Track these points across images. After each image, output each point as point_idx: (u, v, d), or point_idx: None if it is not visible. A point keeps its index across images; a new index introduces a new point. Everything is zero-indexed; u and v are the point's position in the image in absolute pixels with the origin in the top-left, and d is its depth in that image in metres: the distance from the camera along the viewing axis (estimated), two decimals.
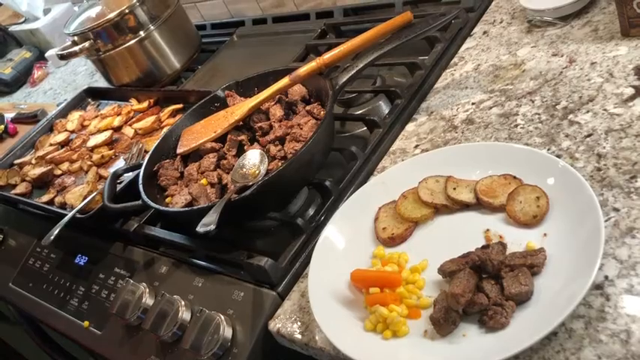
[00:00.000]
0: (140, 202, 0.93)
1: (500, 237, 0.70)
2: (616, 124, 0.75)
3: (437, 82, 1.03)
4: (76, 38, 1.48)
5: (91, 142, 1.37)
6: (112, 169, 1.21)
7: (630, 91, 0.78)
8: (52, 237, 0.98)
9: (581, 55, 0.88)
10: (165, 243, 0.99)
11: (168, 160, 1.03)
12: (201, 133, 1.02)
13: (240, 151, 0.99)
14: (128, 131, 1.35)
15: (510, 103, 0.88)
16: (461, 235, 0.73)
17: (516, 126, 0.84)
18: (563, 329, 0.59)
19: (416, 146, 0.92)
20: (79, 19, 1.52)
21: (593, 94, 0.81)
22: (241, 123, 1.01)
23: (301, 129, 0.92)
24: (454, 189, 0.77)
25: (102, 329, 0.98)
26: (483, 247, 0.68)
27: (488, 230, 0.72)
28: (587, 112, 0.79)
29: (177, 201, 0.92)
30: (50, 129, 1.56)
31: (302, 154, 0.84)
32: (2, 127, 1.75)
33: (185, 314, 0.84)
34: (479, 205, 0.75)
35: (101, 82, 1.69)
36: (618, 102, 0.78)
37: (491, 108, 0.90)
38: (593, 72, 0.84)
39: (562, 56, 0.91)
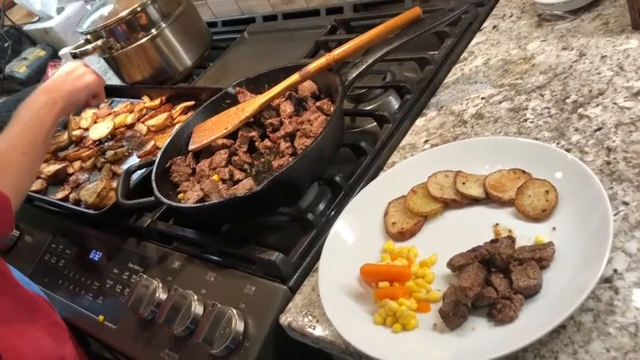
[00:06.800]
0: (153, 198, 0.94)
1: (510, 231, 0.70)
2: (626, 117, 0.75)
3: (446, 77, 1.03)
4: (88, 37, 1.50)
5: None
6: (124, 166, 1.23)
7: None
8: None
9: (591, 49, 0.88)
10: (177, 238, 1.01)
11: (180, 157, 1.04)
12: (213, 129, 1.03)
13: (251, 147, 1.00)
14: (141, 128, 1.37)
15: (520, 98, 0.88)
16: (470, 229, 0.74)
17: (526, 120, 0.84)
18: (571, 322, 0.59)
19: (425, 141, 0.92)
20: (91, 18, 1.53)
21: (603, 87, 0.81)
22: (252, 119, 1.02)
23: (311, 125, 0.93)
24: (463, 184, 0.77)
25: (116, 323, 1.00)
26: (492, 241, 0.68)
27: (497, 224, 0.72)
28: (597, 105, 0.79)
29: (190, 197, 0.93)
30: (64, 126, 1.58)
31: (312, 150, 0.84)
32: None
33: (198, 308, 0.85)
34: (488, 199, 0.75)
35: (114, 80, 1.70)
36: (628, 95, 0.78)
37: (500, 102, 0.90)
38: (603, 65, 0.84)
39: (572, 50, 0.90)
